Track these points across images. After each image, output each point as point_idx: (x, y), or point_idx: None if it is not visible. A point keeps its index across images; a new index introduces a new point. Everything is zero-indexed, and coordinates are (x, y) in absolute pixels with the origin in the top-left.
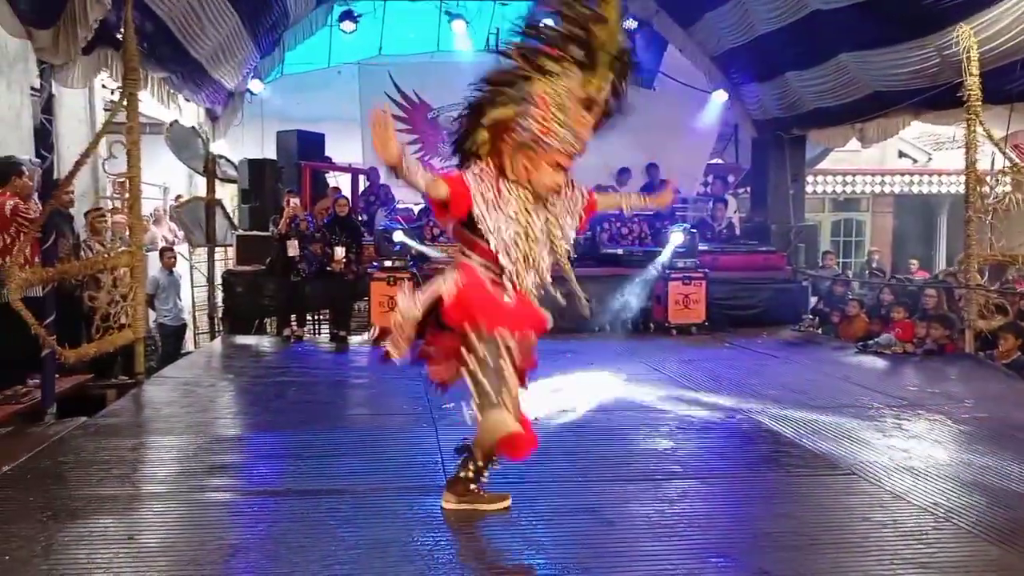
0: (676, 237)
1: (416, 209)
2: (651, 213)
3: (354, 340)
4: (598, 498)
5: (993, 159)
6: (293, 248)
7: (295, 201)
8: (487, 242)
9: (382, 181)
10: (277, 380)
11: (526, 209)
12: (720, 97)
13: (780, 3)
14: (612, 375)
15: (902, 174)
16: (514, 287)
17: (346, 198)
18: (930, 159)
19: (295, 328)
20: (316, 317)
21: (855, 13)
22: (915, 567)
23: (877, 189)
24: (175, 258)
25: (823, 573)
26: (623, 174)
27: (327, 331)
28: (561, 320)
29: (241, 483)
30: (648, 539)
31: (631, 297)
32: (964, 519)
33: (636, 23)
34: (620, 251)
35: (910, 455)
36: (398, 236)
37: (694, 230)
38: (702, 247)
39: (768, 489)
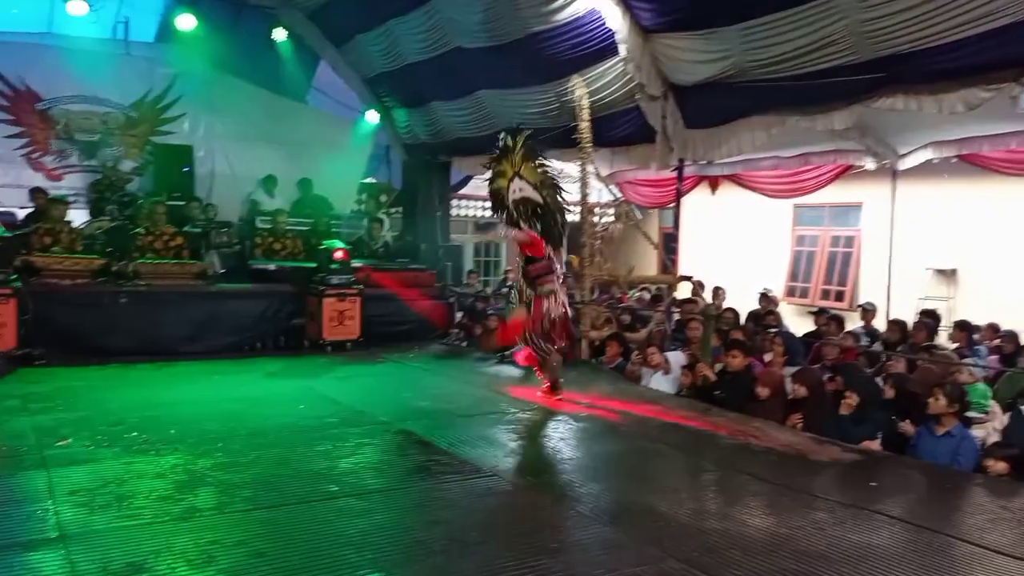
0: (334, 254)
1: (23, 214)
2: (306, 228)
3: None
4: (249, 529)
5: (601, 194)
6: None
7: None
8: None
9: None
10: None
11: None
12: (372, 118)
13: (427, 36)
14: (265, 396)
15: None
16: None
17: None
18: None
19: None
20: None
21: (492, 54)
22: (547, 554)
23: None
24: None
25: (470, 572)
26: (269, 182)
27: None
28: (209, 340)
29: None
30: (303, 565)
31: (285, 314)
32: (585, 506)
33: (286, 33)
34: (272, 266)
35: (541, 453)
36: None
37: (350, 247)
38: (357, 264)
39: (421, 498)
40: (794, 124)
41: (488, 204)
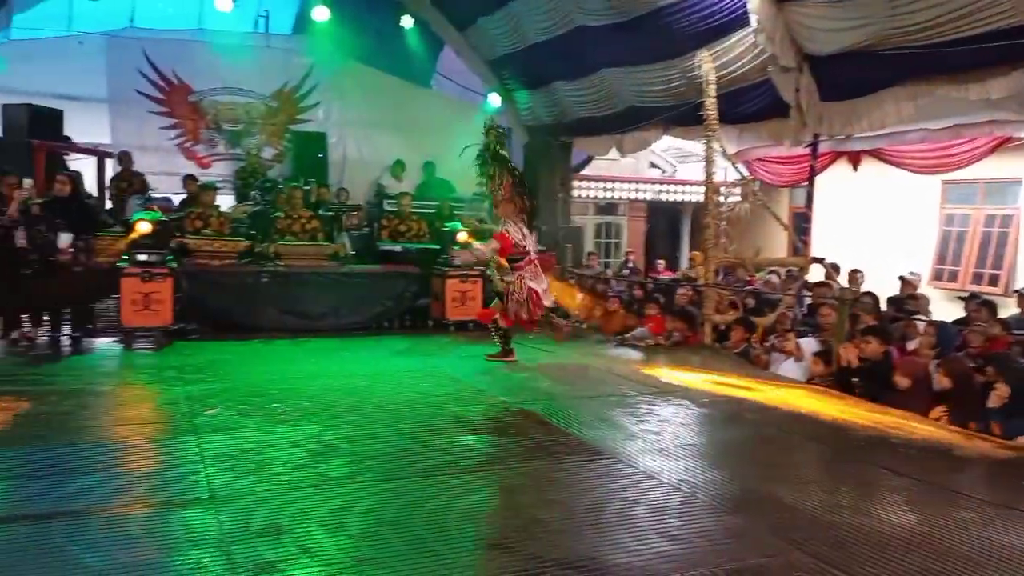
0: (459, 236)
1: (177, 200)
2: (431, 211)
3: (99, 343)
4: (376, 499)
5: (727, 172)
6: (21, 237)
7: (28, 182)
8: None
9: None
10: (2, 389)
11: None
12: (495, 100)
13: (549, 15)
14: (390, 372)
15: (653, 183)
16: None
17: (68, 175)
18: (675, 170)
19: (26, 329)
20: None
21: (615, 32)
22: (666, 539)
23: (632, 196)
24: None
25: (588, 552)
26: (397, 167)
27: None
28: (340, 318)
29: None
30: (427, 535)
31: (411, 294)
32: (706, 493)
33: (412, 21)
34: (398, 248)
35: (661, 437)
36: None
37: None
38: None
39: (540, 477)
40: (944, 94)
41: (608, 185)
